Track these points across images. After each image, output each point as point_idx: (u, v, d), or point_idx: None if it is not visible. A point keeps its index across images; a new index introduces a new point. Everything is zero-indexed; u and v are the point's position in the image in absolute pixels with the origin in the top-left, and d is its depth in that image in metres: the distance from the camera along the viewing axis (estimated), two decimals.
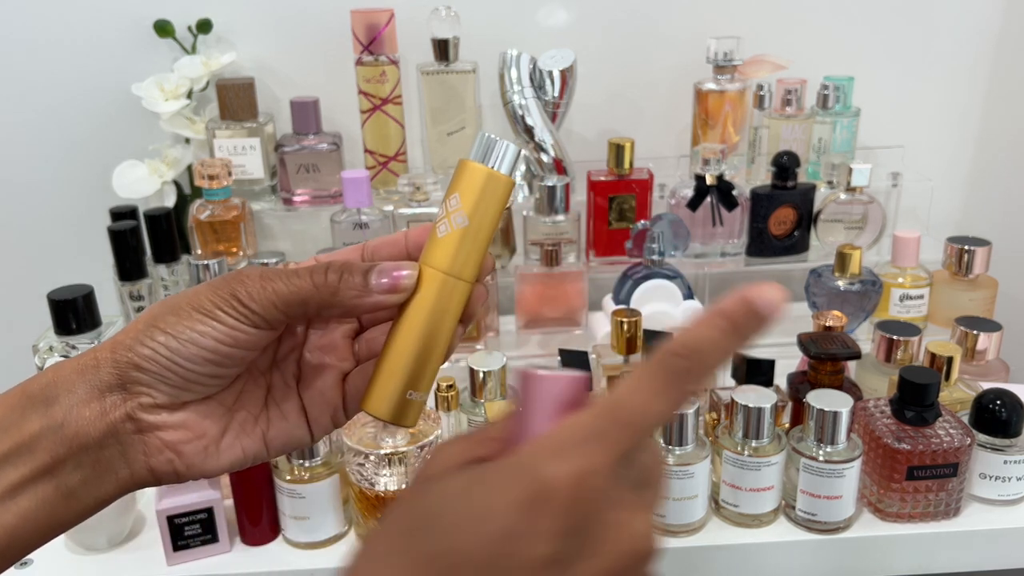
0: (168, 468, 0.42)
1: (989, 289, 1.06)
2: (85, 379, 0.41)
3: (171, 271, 1.05)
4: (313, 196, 1.12)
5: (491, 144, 0.42)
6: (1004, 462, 0.82)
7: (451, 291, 0.42)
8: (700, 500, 0.80)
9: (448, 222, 0.42)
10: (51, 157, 1.18)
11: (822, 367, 0.86)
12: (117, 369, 0.41)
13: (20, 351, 0.99)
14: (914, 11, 1.20)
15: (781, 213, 1.09)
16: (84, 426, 0.40)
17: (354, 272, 0.42)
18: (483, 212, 0.42)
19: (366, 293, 0.42)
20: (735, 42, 1.10)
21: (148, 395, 0.41)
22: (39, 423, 0.40)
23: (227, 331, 0.41)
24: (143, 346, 0.40)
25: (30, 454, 0.40)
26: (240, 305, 0.41)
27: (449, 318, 0.43)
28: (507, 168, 0.42)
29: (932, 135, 1.26)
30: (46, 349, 0.83)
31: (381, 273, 0.42)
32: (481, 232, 0.42)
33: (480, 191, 0.42)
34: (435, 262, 0.42)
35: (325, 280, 0.41)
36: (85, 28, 1.13)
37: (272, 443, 0.45)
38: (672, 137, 1.23)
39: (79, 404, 0.40)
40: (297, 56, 1.16)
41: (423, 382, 0.43)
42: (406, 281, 0.42)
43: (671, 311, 1.00)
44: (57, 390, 0.41)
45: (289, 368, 0.46)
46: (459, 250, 0.42)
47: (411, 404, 0.43)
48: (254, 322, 0.41)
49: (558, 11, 1.17)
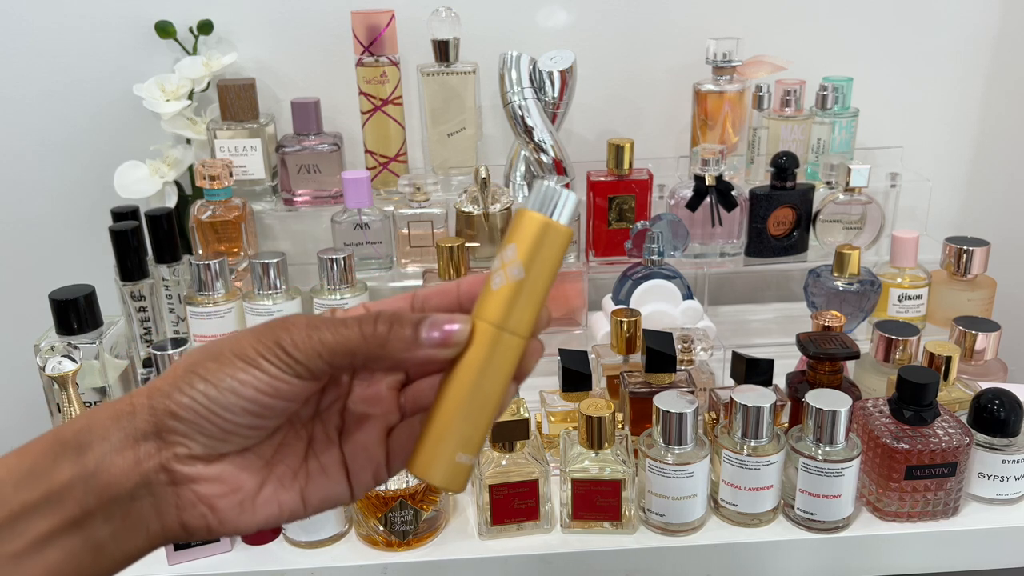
0: (201, 523, 0.40)
1: (987, 289, 1.06)
2: (120, 426, 0.39)
3: (172, 271, 1.05)
4: (314, 196, 1.12)
5: (549, 193, 0.40)
6: (1002, 461, 0.82)
7: (505, 347, 0.40)
8: (699, 499, 0.80)
9: (504, 273, 0.40)
10: (53, 157, 1.18)
11: (821, 367, 0.87)
12: (153, 416, 0.39)
13: (21, 351, 0.99)
14: (913, 12, 1.20)
15: (780, 213, 1.09)
16: (117, 476, 0.39)
17: (404, 324, 0.40)
18: (540, 264, 0.40)
19: (416, 347, 0.40)
20: (734, 43, 1.10)
21: (184, 445, 0.39)
22: (70, 471, 0.38)
23: (269, 380, 0.39)
24: (181, 393, 0.39)
25: (60, 504, 0.38)
26: (284, 354, 0.39)
27: (503, 376, 0.41)
28: (567, 218, 0.40)
29: (931, 135, 1.26)
30: (47, 349, 0.84)
31: (433, 326, 0.40)
32: (538, 285, 0.40)
33: (537, 242, 0.40)
34: (489, 316, 0.40)
35: (374, 331, 0.39)
36: (86, 29, 1.13)
37: (310, 499, 0.43)
38: (671, 138, 1.24)
39: (112, 452, 0.39)
40: (298, 57, 1.17)
41: (474, 444, 0.41)
42: (458, 336, 0.40)
43: (670, 311, 1.00)
44: (91, 436, 0.39)
45: (332, 420, 0.44)
46: (514, 304, 0.40)
47: (461, 467, 0.41)
48: (298, 372, 0.39)
49: (558, 12, 1.18)
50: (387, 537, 0.80)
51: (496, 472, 0.79)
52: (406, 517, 0.79)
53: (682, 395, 0.80)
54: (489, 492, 0.79)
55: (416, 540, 0.81)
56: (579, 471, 0.80)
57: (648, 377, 0.86)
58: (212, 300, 0.98)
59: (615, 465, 0.79)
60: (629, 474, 0.80)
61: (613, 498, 0.80)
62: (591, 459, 0.80)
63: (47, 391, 0.88)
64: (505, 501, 0.80)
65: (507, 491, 0.80)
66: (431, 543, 0.82)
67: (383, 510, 0.79)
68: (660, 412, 0.78)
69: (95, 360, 0.91)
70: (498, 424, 0.78)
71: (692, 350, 0.94)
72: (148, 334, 1.05)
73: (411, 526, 0.80)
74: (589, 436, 0.79)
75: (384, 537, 0.80)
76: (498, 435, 0.79)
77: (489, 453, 0.80)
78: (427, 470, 0.41)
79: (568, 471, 0.80)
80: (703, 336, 0.96)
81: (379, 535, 0.80)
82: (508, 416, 0.79)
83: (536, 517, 0.81)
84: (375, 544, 0.81)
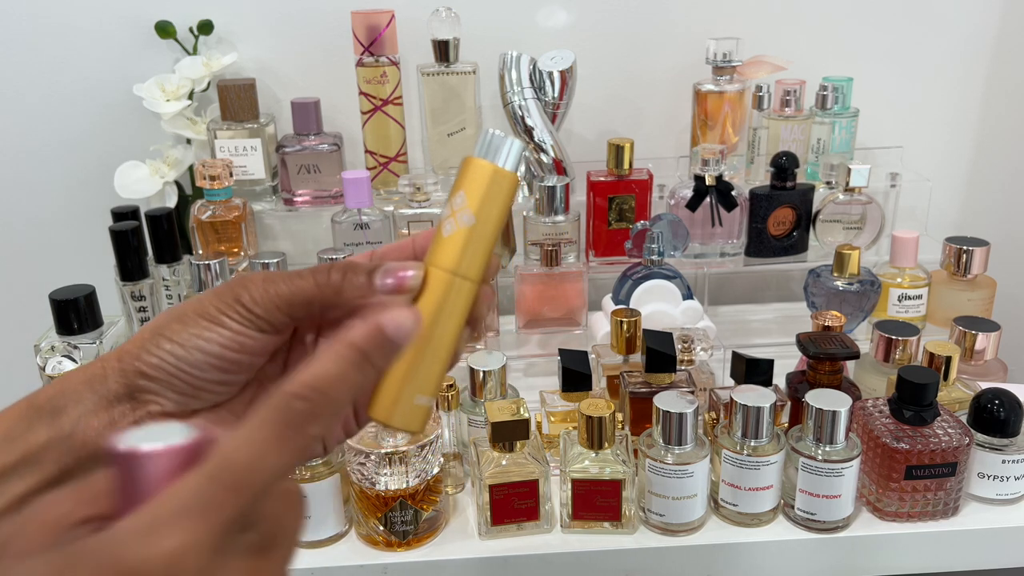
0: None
1: (987, 289, 1.06)
2: (93, 389, 0.40)
3: (172, 271, 1.05)
4: (314, 196, 1.12)
5: (496, 141, 0.42)
6: (1002, 461, 0.82)
7: (458, 291, 0.42)
8: (699, 499, 0.80)
9: (454, 220, 0.41)
10: (53, 157, 1.18)
11: (821, 367, 0.87)
12: (124, 378, 0.40)
13: (22, 351, 0.99)
14: (913, 12, 1.20)
15: (780, 213, 1.09)
16: (93, 436, 0.39)
17: (358, 272, 0.41)
18: (489, 209, 0.41)
19: (370, 293, 0.41)
20: (734, 43, 1.10)
21: (157, 403, 0.40)
22: (46, 434, 0.39)
23: (232, 336, 0.40)
24: (149, 354, 0.40)
25: (37, 465, 0.39)
26: (244, 309, 0.40)
27: (456, 319, 0.42)
28: (512, 165, 0.42)
29: (931, 135, 1.26)
30: (48, 349, 0.84)
31: (386, 273, 0.41)
32: (487, 230, 0.42)
33: (486, 188, 0.41)
34: (441, 262, 0.42)
35: (328, 279, 0.41)
36: (87, 29, 1.13)
37: None
38: (671, 138, 1.24)
39: (87, 414, 0.40)
40: (298, 57, 1.17)
41: (431, 386, 0.42)
42: (411, 281, 0.41)
43: (670, 311, 1.00)
44: (64, 400, 0.40)
45: None
46: (465, 249, 0.41)
47: (419, 409, 0.42)
48: (259, 326, 0.40)
49: (558, 12, 1.18)
50: (387, 537, 0.80)
51: (496, 472, 0.79)
52: (406, 517, 0.79)
53: (682, 395, 0.80)
54: (489, 492, 0.79)
55: (416, 540, 0.81)
56: (579, 471, 0.80)
57: (648, 377, 0.86)
58: None
59: (615, 465, 0.79)
60: (629, 474, 0.80)
61: (613, 498, 0.80)
62: (591, 459, 0.80)
63: None
64: (505, 501, 0.80)
65: (507, 491, 0.80)
66: (431, 543, 0.82)
67: (383, 510, 0.79)
68: (660, 412, 0.78)
69: None
70: (498, 424, 0.78)
71: (692, 350, 0.94)
72: None
73: (411, 526, 0.80)
74: (589, 436, 0.79)
75: (384, 537, 0.80)
76: (498, 435, 0.79)
77: (489, 453, 0.80)
78: (387, 414, 0.42)
79: (568, 471, 0.80)
80: (703, 336, 0.96)
81: (379, 535, 0.80)
82: (508, 416, 0.79)
83: (536, 517, 0.81)
84: (375, 544, 0.81)
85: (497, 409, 0.80)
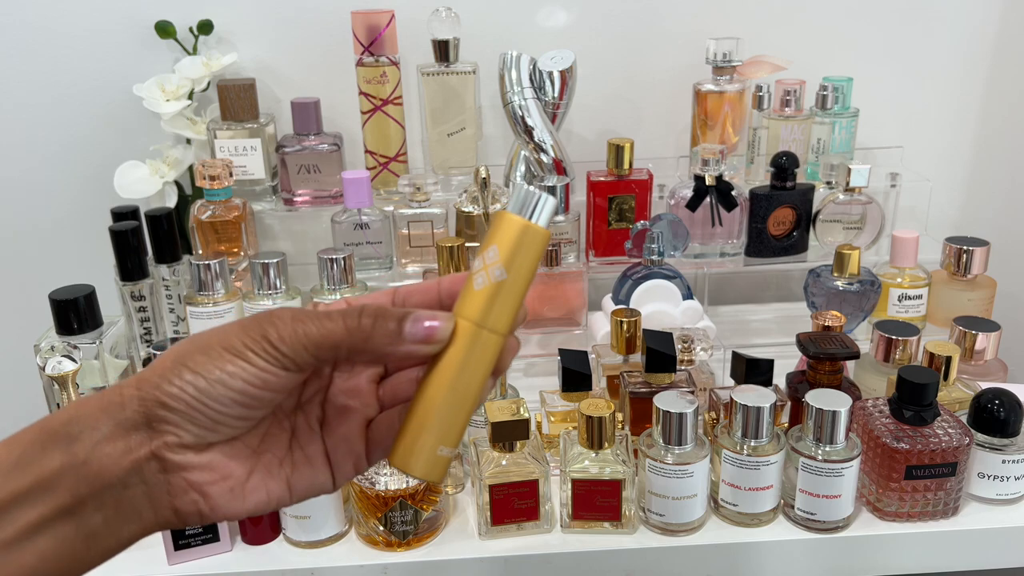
0: (193, 509, 0.41)
1: (987, 289, 1.06)
2: (110, 416, 0.39)
3: (172, 271, 1.05)
4: (314, 196, 1.12)
5: (529, 196, 0.42)
6: (1002, 461, 0.82)
7: (485, 344, 0.42)
8: (699, 499, 0.80)
9: (486, 275, 0.42)
10: (53, 157, 1.18)
11: (821, 367, 0.87)
12: (143, 407, 0.39)
13: (21, 351, 0.99)
14: (913, 12, 1.20)
15: (780, 213, 1.09)
16: (108, 464, 0.39)
17: (388, 318, 0.41)
18: (520, 265, 0.42)
19: (399, 341, 0.41)
20: (734, 43, 1.10)
21: (174, 434, 0.40)
22: (60, 460, 0.38)
23: (257, 373, 0.40)
24: (171, 384, 0.39)
25: (51, 492, 0.38)
26: (271, 346, 0.40)
27: (482, 371, 0.42)
28: (545, 221, 0.42)
29: (931, 136, 1.26)
30: (47, 349, 0.84)
31: (416, 321, 0.41)
32: (518, 285, 0.42)
33: (517, 244, 0.41)
34: (471, 314, 0.42)
35: (359, 325, 0.41)
36: (87, 29, 1.13)
37: (296, 487, 0.44)
38: (671, 138, 1.24)
39: (103, 441, 0.39)
40: (298, 57, 1.17)
41: (454, 437, 0.43)
42: (441, 333, 0.41)
43: (670, 311, 1.00)
44: (80, 427, 0.39)
45: (313, 411, 0.45)
46: (495, 303, 0.42)
47: (441, 459, 0.42)
48: (284, 364, 0.40)
49: (558, 12, 1.18)
50: (387, 537, 0.80)
51: (496, 472, 0.79)
52: (406, 517, 0.79)
53: (682, 395, 0.80)
54: (489, 492, 0.79)
55: (416, 540, 0.81)
56: (579, 471, 0.80)
57: (648, 377, 0.86)
58: (212, 300, 0.98)
59: (615, 465, 0.79)
60: (629, 474, 0.80)
61: (613, 498, 0.80)
62: (591, 459, 0.80)
63: (47, 391, 0.88)
64: (505, 501, 0.80)
65: (507, 491, 0.80)
66: (431, 543, 0.82)
67: (383, 510, 0.79)
68: (660, 412, 0.78)
69: (95, 360, 0.91)
70: (498, 424, 0.78)
71: (692, 350, 0.94)
72: (148, 334, 1.05)
73: (411, 526, 0.80)
74: (589, 436, 0.79)
75: (384, 537, 0.80)
76: (498, 435, 0.79)
77: (489, 453, 0.80)
78: (408, 462, 0.42)
79: (568, 471, 0.80)
80: (703, 336, 0.96)
81: (379, 535, 0.80)
82: (508, 416, 0.79)
83: (536, 517, 0.81)
84: (375, 544, 0.81)
85: (497, 409, 0.80)
